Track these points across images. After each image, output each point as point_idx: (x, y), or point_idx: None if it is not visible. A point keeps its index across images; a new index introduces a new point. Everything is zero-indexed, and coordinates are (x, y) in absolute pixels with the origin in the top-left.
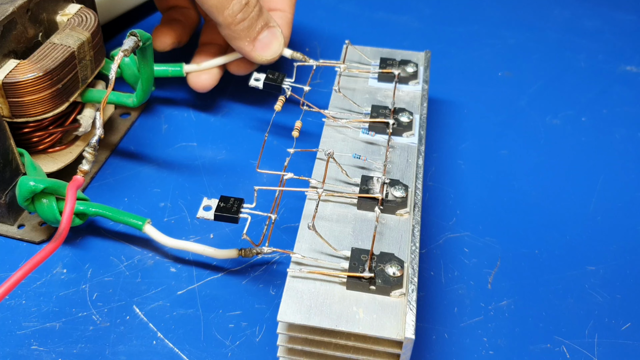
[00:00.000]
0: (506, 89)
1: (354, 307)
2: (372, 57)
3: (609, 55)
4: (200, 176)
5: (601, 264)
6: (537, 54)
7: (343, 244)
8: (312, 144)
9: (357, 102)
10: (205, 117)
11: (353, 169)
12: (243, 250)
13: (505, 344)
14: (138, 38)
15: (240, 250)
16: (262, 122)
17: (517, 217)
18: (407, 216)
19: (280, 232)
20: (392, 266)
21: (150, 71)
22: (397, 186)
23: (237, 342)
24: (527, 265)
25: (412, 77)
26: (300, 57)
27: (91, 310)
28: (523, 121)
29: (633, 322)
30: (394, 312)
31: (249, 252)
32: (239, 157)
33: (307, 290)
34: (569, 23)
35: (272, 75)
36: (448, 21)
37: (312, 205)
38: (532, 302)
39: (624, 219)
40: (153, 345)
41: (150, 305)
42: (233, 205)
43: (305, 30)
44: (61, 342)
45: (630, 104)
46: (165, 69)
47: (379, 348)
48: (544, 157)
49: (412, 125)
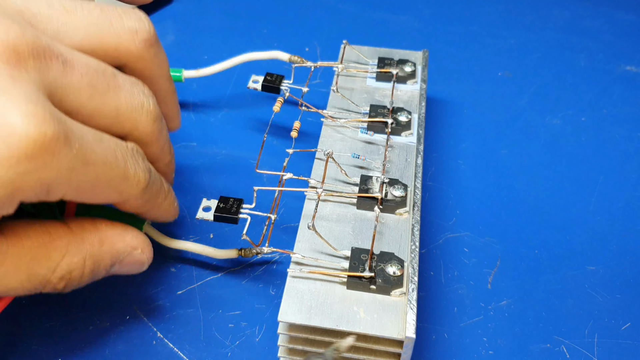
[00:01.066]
0: (506, 89)
1: (354, 307)
2: (369, 57)
3: (609, 55)
4: (199, 176)
5: (601, 264)
6: (537, 54)
7: (343, 244)
8: (311, 144)
9: (356, 101)
10: (205, 117)
11: (352, 169)
12: (243, 250)
13: (505, 343)
14: None
15: (240, 250)
16: (261, 123)
17: (517, 217)
18: (406, 215)
19: (280, 232)
20: (392, 265)
21: None
22: (396, 185)
23: (237, 342)
24: (527, 265)
25: (410, 77)
26: (297, 59)
27: (91, 310)
28: (523, 121)
29: (633, 322)
30: (394, 311)
31: (248, 252)
32: (239, 157)
33: (307, 290)
34: (569, 23)
35: (270, 77)
36: (448, 21)
37: (311, 205)
38: (532, 302)
39: (624, 219)
40: (153, 345)
41: (150, 305)
42: (232, 205)
43: (305, 30)
44: (61, 342)
45: (630, 104)
46: None
47: (379, 347)
48: (544, 157)
49: (411, 124)
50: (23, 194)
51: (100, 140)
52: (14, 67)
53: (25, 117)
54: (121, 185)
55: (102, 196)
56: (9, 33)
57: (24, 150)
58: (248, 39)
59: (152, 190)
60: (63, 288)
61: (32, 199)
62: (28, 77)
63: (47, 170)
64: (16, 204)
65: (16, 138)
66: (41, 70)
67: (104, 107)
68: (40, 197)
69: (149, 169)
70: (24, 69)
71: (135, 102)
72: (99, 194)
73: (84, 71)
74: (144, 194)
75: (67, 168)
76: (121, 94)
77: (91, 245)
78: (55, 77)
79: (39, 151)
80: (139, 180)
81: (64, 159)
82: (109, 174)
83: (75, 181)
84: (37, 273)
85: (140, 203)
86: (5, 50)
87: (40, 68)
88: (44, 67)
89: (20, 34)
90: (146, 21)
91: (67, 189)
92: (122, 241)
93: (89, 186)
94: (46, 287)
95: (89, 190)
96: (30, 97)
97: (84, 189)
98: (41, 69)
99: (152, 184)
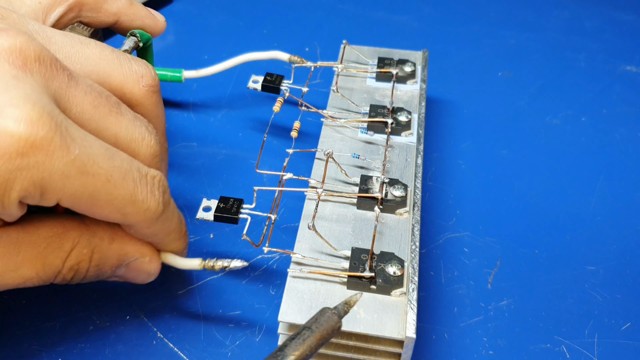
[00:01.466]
0: (506, 89)
1: (354, 307)
2: (369, 57)
3: (609, 55)
4: (199, 176)
5: (601, 264)
6: (537, 54)
7: (343, 244)
8: (311, 144)
9: (356, 101)
10: (205, 118)
11: (352, 169)
12: (207, 261)
13: (505, 343)
14: (138, 38)
15: (204, 261)
16: (261, 123)
17: (517, 217)
18: (406, 215)
19: (281, 232)
20: (393, 265)
21: None
22: (396, 185)
23: (237, 342)
24: (527, 265)
25: (410, 77)
26: (297, 60)
27: (91, 310)
28: (523, 121)
29: (633, 322)
30: (394, 311)
31: (213, 264)
32: (239, 157)
33: (307, 290)
34: (569, 23)
35: (270, 78)
36: (448, 21)
37: (311, 205)
38: (532, 302)
39: (624, 219)
40: (153, 345)
41: (150, 305)
42: (232, 205)
43: (305, 30)
44: (61, 342)
45: (630, 104)
46: (164, 74)
47: (380, 347)
48: (544, 157)
49: (411, 124)
50: (16, 192)
51: (110, 157)
52: (18, 69)
53: (20, 115)
54: (125, 208)
55: (104, 213)
56: (17, 39)
57: (15, 146)
58: (248, 39)
59: (164, 225)
60: (71, 279)
61: (26, 199)
62: (32, 79)
63: (39, 170)
64: (14, 202)
65: (8, 135)
66: (46, 76)
67: (104, 132)
68: (35, 198)
69: (165, 203)
70: (29, 72)
71: (135, 133)
72: (99, 209)
73: (87, 90)
74: (152, 224)
75: (61, 172)
76: (122, 122)
77: (101, 240)
78: (60, 86)
79: (30, 149)
80: (147, 208)
81: (58, 162)
82: (112, 193)
83: (71, 189)
84: (51, 262)
85: (147, 233)
86: (12, 52)
87: (45, 74)
88: (49, 74)
89: (29, 40)
90: (152, 71)
91: (61, 194)
92: (132, 245)
93: (87, 198)
94: (57, 278)
95: (87, 203)
96: (29, 98)
97: (82, 199)
98: (46, 76)
99: (165, 219)
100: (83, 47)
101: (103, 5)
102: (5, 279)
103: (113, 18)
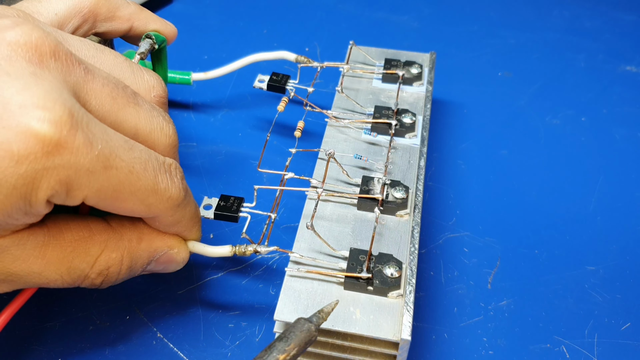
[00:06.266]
0: (506, 89)
1: (351, 308)
2: (376, 58)
3: (609, 55)
4: (200, 176)
5: (601, 264)
6: (537, 54)
7: (342, 244)
8: (314, 144)
9: (361, 102)
10: (205, 117)
11: (354, 170)
12: (238, 247)
13: (505, 343)
14: (154, 40)
15: (234, 247)
16: (263, 122)
17: (517, 217)
18: (407, 217)
19: (281, 232)
20: (390, 267)
21: (165, 73)
22: (397, 187)
23: (236, 342)
24: (527, 265)
25: (417, 79)
26: (304, 59)
27: (91, 310)
28: (523, 121)
29: (633, 322)
30: (391, 313)
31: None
32: (240, 156)
33: (304, 290)
34: (569, 23)
35: (276, 77)
36: (448, 21)
37: (312, 205)
38: (532, 302)
39: (624, 219)
40: (153, 345)
41: (150, 305)
42: (233, 204)
43: (305, 30)
44: (61, 342)
45: (630, 104)
46: (173, 76)
47: (375, 349)
48: (544, 157)
49: (415, 126)
50: (43, 192)
51: (129, 149)
52: (36, 66)
53: (43, 114)
54: (149, 199)
55: (128, 206)
56: (31, 35)
57: (40, 146)
58: (248, 39)
59: (185, 212)
60: (100, 283)
61: (53, 198)
62: (50, 75)
63: (65, 168)
64: (41, 202)
65: (32, 135)
66: (63, 71)
67: (124, 124)
68: (61, 197)
69: (185, 189)
70: (46, 68)
71: (154, 123)
72: (124, 203)
73: (105, 82)
74: (175, 212)
75: (87, 168)
76: (140, 113)
77: (129, 242)
78: (77, 80)
79: (55, 148)
80: (169, 196)
81: (84, 159)
82: (135, 184)
83: (96, 185)
84: (76, 267)
85: (170, 221)
86: (29, 49)
87: (62, 69)
88: (66, 69)
89: (44, 36)
90: (163, 83)
91: (87, 191)
92: (160, 239)
93: (112, 192)
94: (84, 282)
95: (111, 197)
96: (50, 95)
97: (106, 195)
98: (63, 70)
99: (186, 204)
100: (98, 53)
101: (116, 12)
102: (28, 281)
103: (127, 24)
